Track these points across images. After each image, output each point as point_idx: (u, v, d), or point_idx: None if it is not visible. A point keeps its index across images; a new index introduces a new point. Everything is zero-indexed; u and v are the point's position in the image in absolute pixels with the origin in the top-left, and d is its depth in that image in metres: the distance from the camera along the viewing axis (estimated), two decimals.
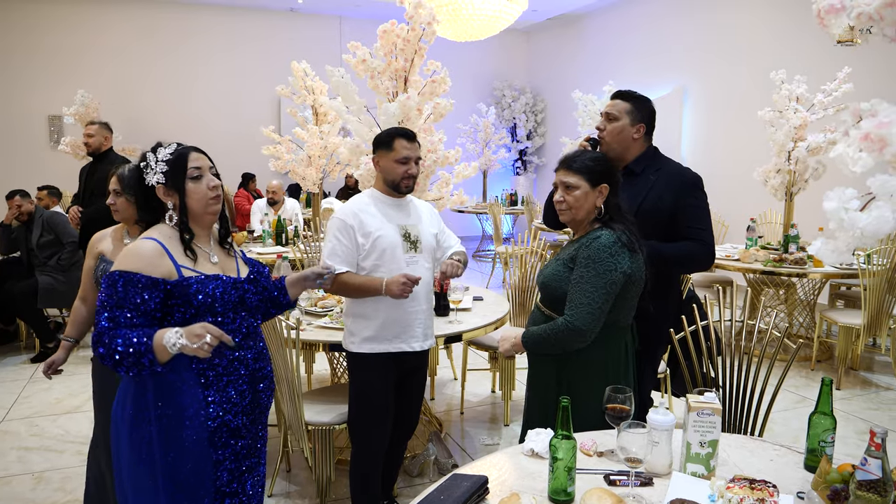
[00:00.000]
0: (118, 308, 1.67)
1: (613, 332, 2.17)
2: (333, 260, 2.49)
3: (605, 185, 2.16)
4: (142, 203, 1.88)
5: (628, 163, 2.64)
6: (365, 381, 2.62)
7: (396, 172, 2.57)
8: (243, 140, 9.71)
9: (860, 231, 1.06)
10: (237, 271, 1.94)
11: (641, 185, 2.59)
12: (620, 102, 2.64)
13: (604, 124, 2.64)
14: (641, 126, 2.63)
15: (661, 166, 2.65)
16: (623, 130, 2.61)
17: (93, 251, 2.54)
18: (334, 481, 3.13)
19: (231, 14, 10.34)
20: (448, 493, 1.53)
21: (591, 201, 2.17)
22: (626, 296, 2.15)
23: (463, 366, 4.31)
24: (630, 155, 2.65)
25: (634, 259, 2.13)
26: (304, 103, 6.34)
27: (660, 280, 2.40)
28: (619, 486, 1.66)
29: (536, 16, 10.68)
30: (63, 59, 9.61)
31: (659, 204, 2.55)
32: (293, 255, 4.97)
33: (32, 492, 3.27)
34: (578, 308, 2.05)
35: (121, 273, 1.70)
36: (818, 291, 5.50)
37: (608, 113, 2.63)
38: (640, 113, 2.63)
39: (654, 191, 2.57)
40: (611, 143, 2.62)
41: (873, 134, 0.92)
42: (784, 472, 1.76)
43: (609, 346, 2.17)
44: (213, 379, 1.80)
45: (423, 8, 3.39)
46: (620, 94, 2.68)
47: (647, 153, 2.67)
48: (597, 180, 2.16)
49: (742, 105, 7.45)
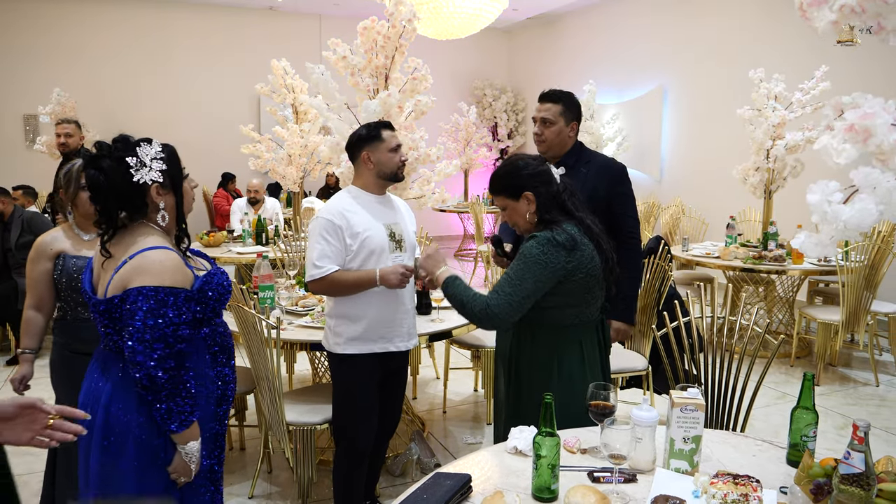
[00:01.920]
0: (171, 326, 1.66)
1: (565, 330, 2.14)
2: (324, 261, 2.43)
3: (527, 193, 2.14)
4: (123, 202, 1.74)
5: (560, 158, 2.78)
6: (350, 381, 2.60)
7: (392, 162, 2.56)
8: (222, 139, 9.59)
9: (843, 224, 1.06)
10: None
11: (575, 179, 2.62)
12: (552, 105, 2.78)
13: (541, 129, 2.79)
14: (574, 124, 2.82)
15: (589, 159, 2.83)
16: (561, 132, 2.79)
17: (46, 253, 2.42)
18: (316, 482, 3.10)
19: (209, 12, 10.22)
20: (431, 492, 1.51)
21: (522, 212, 2.16)
22: (570, 292, 2.09)
23: (445, 364, 4.30)
24: (564, 151, 2.82)
25: (574, 255, 2.05)
26: (283, 102, 6.29)
27: None
28: (602, 483, 1.65)
29: (517, 15, 10.69)
30: (38, 57, 9.43)
31: (594, 195, 2.66)
32: (273, 255, 4.92)
33: None
34: (500, 295, 2.01)
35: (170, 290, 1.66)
36: (797, 288, 5.55)
37: (544, 118, 2.75)
38: (571, 111, 2.80)
39: (589, 183, 2.70)
40: (552, 145, 2.79)
41: (857, 125, 0.91)
42: (767, 467, 1.76)
43: (563, 343, 2.14)
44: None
45: (404, 5, 3.37)
46: (549, 97, 2.81)
47: (576, 148, 2.84)
48: (515, 192, 2.15)
49: (721, 104, 7.50)
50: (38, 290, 2.44)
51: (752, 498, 1.45)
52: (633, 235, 2.83)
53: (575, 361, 2.15)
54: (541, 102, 2.80)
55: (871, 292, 4.73)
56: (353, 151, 2.57)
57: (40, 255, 2.43)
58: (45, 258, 2.42)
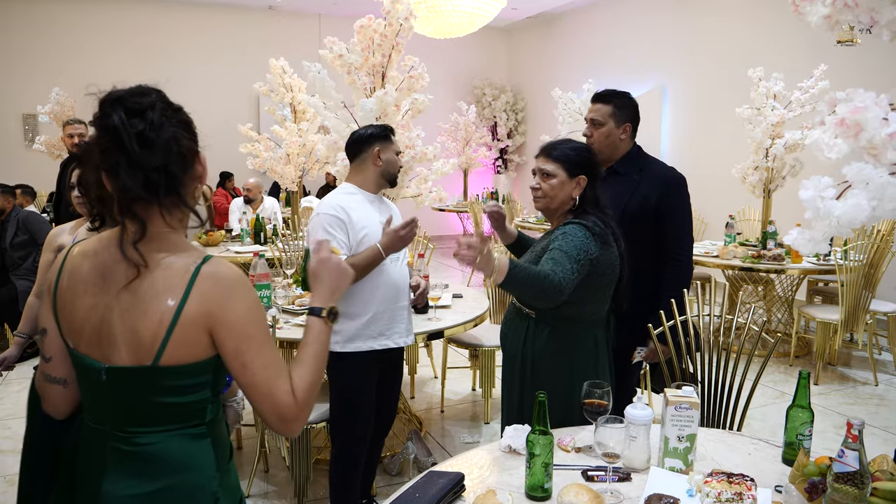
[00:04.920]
0: None
1: (581, 326, 2.14)
2: None
3: (582, 177, 2.13)
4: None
5: (613, 163, 2.64)
6: (348, 379, 2.59)
7: (397, 164, 2.61)
8: (221, 138, 9.56)
9: (836, 220, 1.05)
10: None
11: (626, 185, 2.59)
12: (602, 106, 2.61)
13: (590, 130, 2.62)
14: (627, 126, 2.62)
15: (644, 166, 2.64)
16: (610, 134, 2.60)
17: (51, 244, 2.50)
18: (312, 481, 3.09)
19: (209, 11, 10.22)
20: (423, 490, 1.50)
21: (567, 192, 2.13)
22: (593, 287, 2.10)
23: (443, 364, 4.29)
24: (618, 155, 2.65)
25: (605, 251, 2.09)
26: (282, 101, 6.28)
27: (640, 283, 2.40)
28: (596, 482, 1.64)
29: (516, 14, 10.68)
30: (35, 57, 9.43)
31: (644, 204, 2.55)
32: (271, 254, 4.92)
33: (4, 495, 3.19)
34: (565, 270, 1.95)
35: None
36: (796, 287, 5.54)
37: (593, 119, 2.61)
38: (623, 112, 2.62)
39: (640, 191, 2.57)
40: (601, 148, 2.59)
41: (848, 119, 0.90)
42: (762, 466, 1.75)
43: (578, 339, 2.14)
44: None
45: (401, 3, 3.36)
46: (601, 97, 2.65)
47: (632, 153, 2.67)
48: (575, 171, 2.12)
49: (721, 103, 7.49)
50: (41, 279, 2.52)
51: (747, 497, 1.44)
52: (682, 252, 2.60)
53: (588, 358, 2.16)
54: (592, 103, 2.65)
55: (870, 291, 4.72)
56: (362, 147, 2.56)
57: (47, 246, 2.54)
58: (48, 250, 2.51)
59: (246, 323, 1.22)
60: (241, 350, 1.21)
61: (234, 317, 1.21)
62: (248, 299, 1.24)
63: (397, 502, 1.50)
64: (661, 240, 2.56)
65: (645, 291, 2.51)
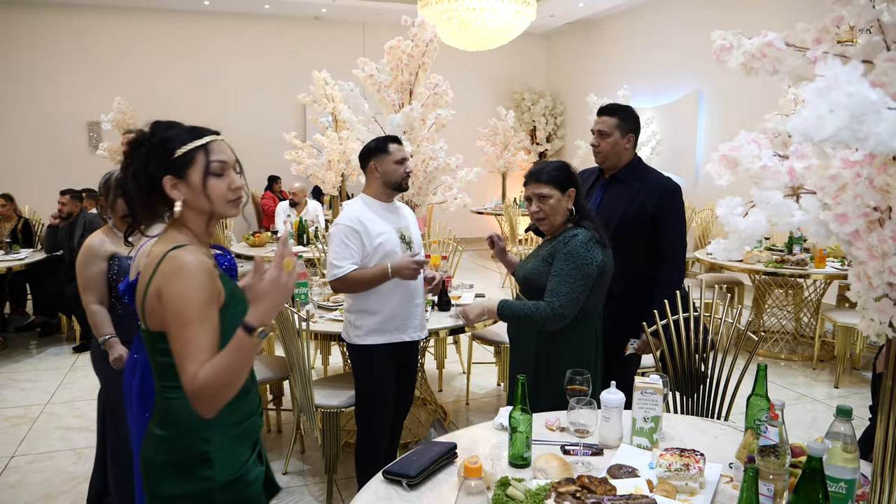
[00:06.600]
0: None
1: (586, 319, 2.42)
2: (343, 262, 2.71)
3: (571, 189, 2.41)
4: None
5: (616, 171, 2.91)
6: (369, 370, 2.90)
7: (398, 173, 2.82)
8: (270, 144, 10.09)
9: (742, 233, 1.30)
10: None
11: (626, 192, 2.86)
12: (609, 118, 2.90)
13: (597, 141, 2.91)
14: (631, 136, 2.91)
15: (643, 175, 2.92)
16: (616, 144, 2.89)
17: (99, 254, 2.69)
18: (342, 460, 3.41)
19: (260, 23, 10.74)
20: (419, 455, 1.79)
21: (564, 206, 2.42)
22: (598, 285, 2.39)
23: (468, 359, 4.56)
24: (622, 163, 2.93)
25: (605, 253, 2.39)
26: (324, 111, 6.66)
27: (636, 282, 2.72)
28: (572, 455, 1.90)
29: (554, 21, 10.88)
30: (100, 68, 10.09)
31: (641, 210, 2.82)
32: (311, 255, 5.27)
33: (74, 465, 3.62)
34: (560, 296, 2.28)
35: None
36: (823, 292, 5.62)
37: (600, 130, 2.90)
38: (627, 124, 2.91)
39: (638, 198, 2.84)
40: (607, 156, 2.90)
41: (728, 156, 1.15)
42: (724, 448, 1.98)
43: (583, 330, 2.42)
44: None
45: (426, 28, 3.65)
46: (607, 110, 2.94)
47: (633, 163, 2.95)
48: (565, 186, 2.41)
49: (756, 108, 7.51)
50: (98, 288, 2.72)
51: (693, 467, 1.68)
52: (675, 253, 2.85)
53: (591, 345, 2.44)
54: (598, 115, 2.94)
55: None
56: (362, 163, 2.88)
57: (94, 257, 2.70)
58: (99, 259, 2.71)
59: (177, 301, 1.39)
60: (169, 324, 1.40)
61: (171, 294, 1.39)
62: (190, 282, 1.40)
63: (398, 464, 1.78)
64: (656, 242, 2.83)
65: (641, 289, 2.78)
